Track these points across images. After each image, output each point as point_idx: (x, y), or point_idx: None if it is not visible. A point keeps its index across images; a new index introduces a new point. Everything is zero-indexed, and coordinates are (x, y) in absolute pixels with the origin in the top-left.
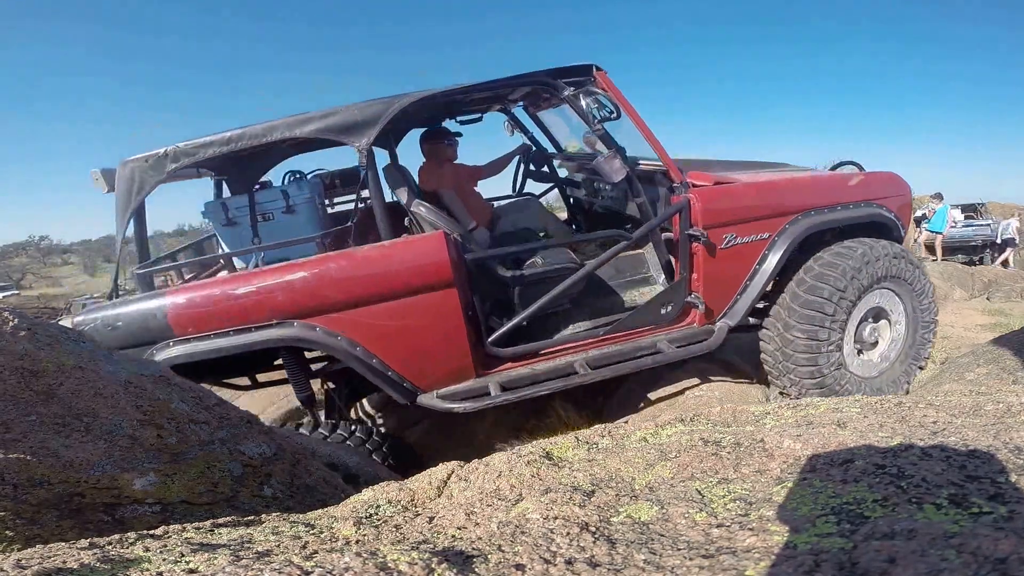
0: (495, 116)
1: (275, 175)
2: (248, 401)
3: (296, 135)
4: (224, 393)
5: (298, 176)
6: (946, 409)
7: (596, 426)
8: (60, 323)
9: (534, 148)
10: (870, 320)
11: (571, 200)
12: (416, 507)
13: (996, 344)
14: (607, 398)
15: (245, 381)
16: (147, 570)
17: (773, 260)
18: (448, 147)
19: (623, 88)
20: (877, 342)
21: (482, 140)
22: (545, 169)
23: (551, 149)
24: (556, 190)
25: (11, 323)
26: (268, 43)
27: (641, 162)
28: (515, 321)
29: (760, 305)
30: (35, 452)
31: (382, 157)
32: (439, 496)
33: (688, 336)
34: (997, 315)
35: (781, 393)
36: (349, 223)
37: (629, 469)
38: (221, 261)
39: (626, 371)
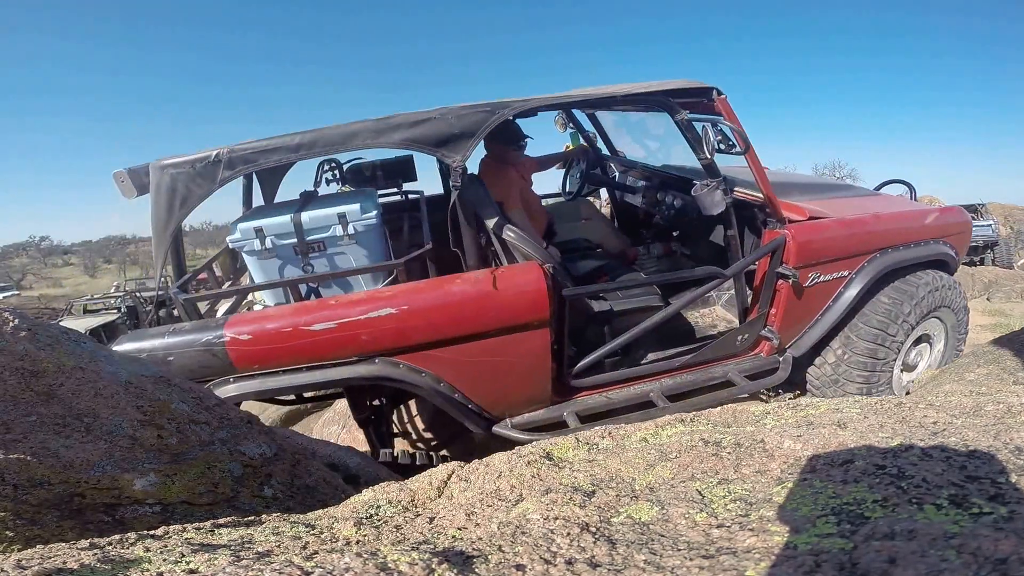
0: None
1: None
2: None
3: (380, 143)
4: None
5: (332, 166)
6: (946, 409)
7: (596, 426)
8: (61, 323)
9: (591, 150)
10: (917, 344)
11: (618, 198)
12: (416, 507)
13: (996, 344)
14: None
15: (289, 396)
16: (147, 570)
17: (848, 297)
18: (517, 151)
19: (616, 81)
20: (917, 365)
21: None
22: (597, 171)
23: (591, 145)
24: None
25: (11, 323)
26: (267, 38)
27: (736, 190)
28: (600, 353)
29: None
30: (35, 452)
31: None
32: (439, 496)
33: (757, 366)
34: (997, 315)
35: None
36: (424, 247)
37: (629, 469)
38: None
39: (703, 407)
